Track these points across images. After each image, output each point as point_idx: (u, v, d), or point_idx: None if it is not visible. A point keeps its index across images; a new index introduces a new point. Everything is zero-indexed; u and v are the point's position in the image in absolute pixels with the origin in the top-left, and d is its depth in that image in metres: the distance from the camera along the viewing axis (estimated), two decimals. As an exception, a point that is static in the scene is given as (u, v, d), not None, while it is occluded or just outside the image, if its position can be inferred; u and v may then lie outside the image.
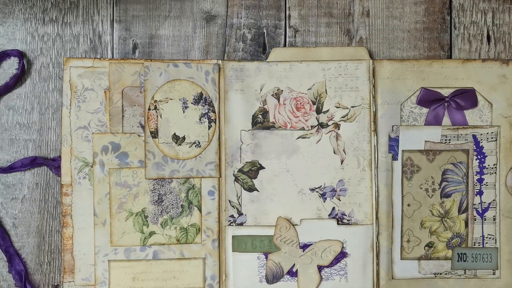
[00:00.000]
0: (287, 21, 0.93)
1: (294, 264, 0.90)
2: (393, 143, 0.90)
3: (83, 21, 0.92)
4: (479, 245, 0.91)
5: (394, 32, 0.93)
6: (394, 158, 0.90)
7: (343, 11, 0.93)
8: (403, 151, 0.90)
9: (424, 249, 0.91)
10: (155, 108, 0.89)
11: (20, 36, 0.92)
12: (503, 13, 0.93)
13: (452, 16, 0.93)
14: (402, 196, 0.90)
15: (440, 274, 0.91)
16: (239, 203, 0.90)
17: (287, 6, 0.93)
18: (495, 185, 0.91)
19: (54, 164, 0.90)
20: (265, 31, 0.93)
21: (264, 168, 0.91)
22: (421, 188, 0.91)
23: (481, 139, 0.90)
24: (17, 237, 0.91)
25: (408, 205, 0.90)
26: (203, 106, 0.89)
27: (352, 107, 0.91)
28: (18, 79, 0.91)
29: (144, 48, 0.92)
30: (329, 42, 0.93)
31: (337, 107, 0.91)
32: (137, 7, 0.93)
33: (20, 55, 0.91)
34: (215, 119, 0.90)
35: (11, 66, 0.91)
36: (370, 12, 0.93)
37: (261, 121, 0.90)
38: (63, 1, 0.92)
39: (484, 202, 0.91)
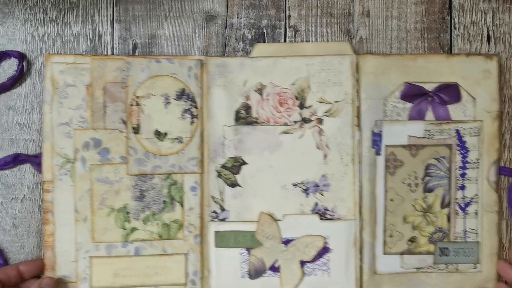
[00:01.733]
0: (287, 21, 0.93)
1: (276, 260, 0.90)
2: (376, 138, 0.90)
3: (83, 21, 0.92)
4: (461, 239, 0.91)
5: (394, 32, 0.93)
6: (377, 153, 0.90)
7: (343, 11, 0.93)
8: (386, 146, 0.90)
9: (407, 243, 0.91)
10: (137, 104, 0.88)
11: (20, 36, 0.91)
12: (503, 13, 0.93)
13: (452, 16, 0.93)
14: (385, 191, 0.90)
15: (423, 268, 0.91)
16: (222, 198, 0.90)
17: (287, 6, 0.93)
18: (477, 179, 0.91)
19: (36, 160, 0.89)
20: (265, 31, 0.93)
21: (247, 163, 0.90)
22: (404, 183, 0.91)
23: (464, 134, 0.90)
24: (17, 237, 0.91)
25: (391, 200, 0.91)
26: (186, 101, 0.89)
27: (335, 102, 0.90)
28: (16, 81, 0.90)
29: (144, 48, 0.92)
30: (329, 42, 0.92)
31: (320, 102, 0.90)
32: (137, 7, 0.92)
33: (21, 57, 0.90)
34: (198, 114, 0.89)
35: (11, 66, 0.91)
36: (370, 12, 0.93)
37: (244, 117, 0.90)
38: (63, 1, 0.91)
39: (467, 197, 0.91)
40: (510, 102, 0.93)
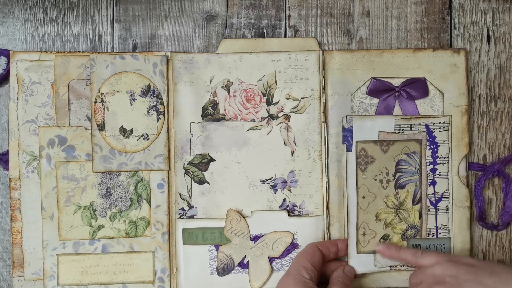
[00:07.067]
0: (287, 21, 0.93)
1: (245, 256, 0.90)
2: (347, 133, 0.89)
3: (83, 21, 0.92)
4: (433, 235, 0.90)
5: (394, 32, 0.93)
6: (348, 149, 0.89)
7: (343, 11, 0.93)
8: (357, 142, 0.89)
9: (380, 241, 0.90)
10: (102, 100, 0.88)
11: (20, 36, 0.92)
12: (503, 13, 0.93)
13: (452, 16, 0.93)
14: (357, 188, 0.89)
15: (396, 266, 0.90)
16: (190, 195, 0.90)
17: (287, 6, 0.93)
18: (447, 174, 0.90)
19: (2, 158, 0.90)
20: (265, 31, 0.93)
21: (214, 160, 0.90)
22: (375, 180, 0.90)
23: (434, 129, 0.90)
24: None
25: (363, 197, 0.90)
26: (151, 98, 0.89)
27: (302, 98, 0.90)
28: (3, 80, 0.91)
29: (144, 48, 0.92)
30: (329, 42, 0.93)
31: (287, 99, 0.90)
32: (137, 7, 0.93)
33: (9, 56, 0.91)
34: (164, 111, 0.89)
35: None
36: (370, 12, 0.93)
37: (211, 113, 0.90)
38: (63, 1, 0.92)
39: (437, 192, 0.90)
40: (510, 102, 0.92)
